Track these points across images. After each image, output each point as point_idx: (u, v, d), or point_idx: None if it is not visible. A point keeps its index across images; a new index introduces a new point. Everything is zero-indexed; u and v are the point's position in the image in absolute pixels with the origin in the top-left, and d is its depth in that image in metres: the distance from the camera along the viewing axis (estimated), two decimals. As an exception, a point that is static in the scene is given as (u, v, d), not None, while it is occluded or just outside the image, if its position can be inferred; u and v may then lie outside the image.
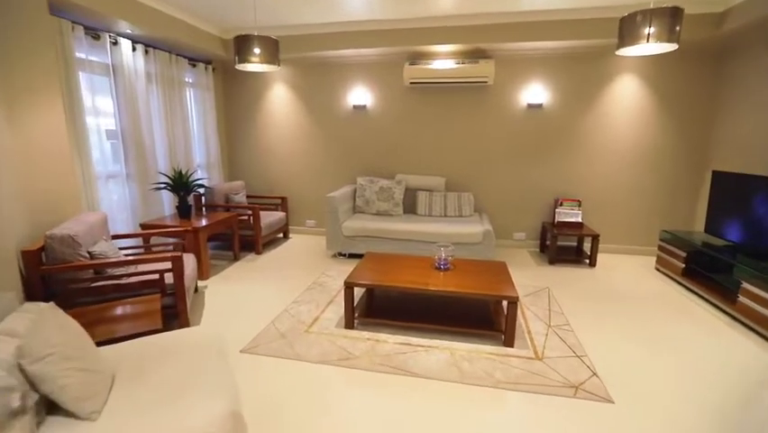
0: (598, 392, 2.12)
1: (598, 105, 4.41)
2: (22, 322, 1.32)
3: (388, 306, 3.01)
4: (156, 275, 2.56)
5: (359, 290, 3.28)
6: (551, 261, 4.28)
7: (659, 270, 4.05)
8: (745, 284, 2.86)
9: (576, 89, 4.43)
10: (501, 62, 4.50)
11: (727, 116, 3.99)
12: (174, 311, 2.63)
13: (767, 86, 3.49)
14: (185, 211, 3.91)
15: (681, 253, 3.64)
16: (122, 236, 3.14)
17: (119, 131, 3.72)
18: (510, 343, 2.55)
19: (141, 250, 3.27)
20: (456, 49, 4.32)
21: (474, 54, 4.42)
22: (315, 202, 5.37)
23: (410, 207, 4.76)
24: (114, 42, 3.56)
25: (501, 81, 4.55)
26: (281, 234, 5.27)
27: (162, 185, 3.86)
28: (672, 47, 2.46)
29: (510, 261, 4.39)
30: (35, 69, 2.71)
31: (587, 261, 4.28)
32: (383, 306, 3.02)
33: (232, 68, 5.11)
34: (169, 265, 2.61)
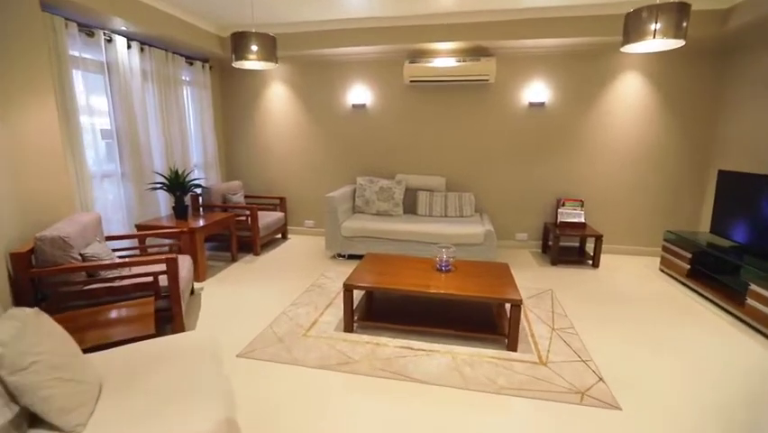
0: (604, 399, 2.05)
1: (601, 104, 4.35)
2: (4, 329, 1.25)
3: (388, 308, 2.95)
4: (150, 278, 2.50)
5: (358, 293, 3.22)
6: (553, 262, 4.22)
7: (663, 271, 3.98)
8: (753, 286, 2.80)
9: (578, 88, 4.36)
10: (503, 60, 4.43)
11: (732, 115, 3.92)
12: (169, 314, 2.56)
13: (774, 83, 3.44)
14: (181, 212, 3.84)
15: (687, 253, 3.58)
16: (116, 237, 3.08)
17: (114, 130, 3.65)
18: (513, 347, 2.49)
19: (137, 251, 3.22)
20: (457, 46, 4.26)
21: (475, 52, 4.36)
22: (314, 202, 5.30)
23: (410, 208, 4.70)
24: (109, 40, 3.49)
25: (502, 79, 4.48)
26: (280, 235, 5.20)
27: (158, 185, 3.79)
28: (679, 43, 2.40)
29: (512, 262, 4.32)
30: (27, 67, 2.64)
31: (590, 262, 4.22)
32: (383, 308, 2.95)
33: (229, 66, 5.05)
34: (163, 267, 2.54)
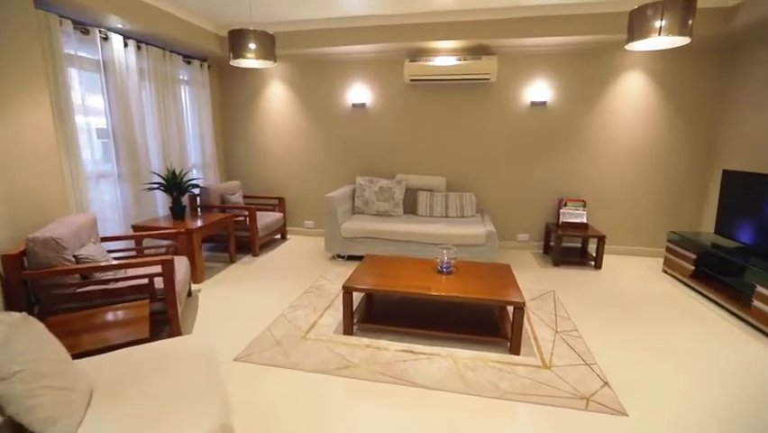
0: (610, 404, 2.00)
1: (604, 103, 4.30)
2: (-10, 335, 1.20)
3: (388, 311, 2.90)
4: (145, 280, 2.45)
5: (358, 294, 3.17)
6: (555, 262, 4.17)
7: (666, 272, 3.93)
8: (759, 288, 2.75)
9: (581, 87, 4.31)
10: (504, 59, 4.38)
11: (737, 114, 3.87)
12: (165, 317, 2.52)
13: (779, 82, 3.40)
14: (178, 212, 3.79)
15: (691, 255, 3.53)
16: (111, 239, 3.03)
17: (110, 129, 3.60)
18: (516, 350, 2.44)
19: (133, 253, 3.17)
20: (458, 45, 4.21)
21: (476, 51, 4.31)
22: (314, 202, 5.25)
23: (411, 208, 4.65)
24: (105, 38, 3.44)
25: (504, 78, 4.43)
26: (279, 236, 5.15)
27: (155, 185, 3.74)
28: (685, 40, 2.36)
29: (513, 262, 4.27)
30: (20, 65, 2.60)
31: (592, 263, 4.17)
32: (383, 311, 2.90)
33: (228, 65, 4.99)
34: (158, 269, 2.49)
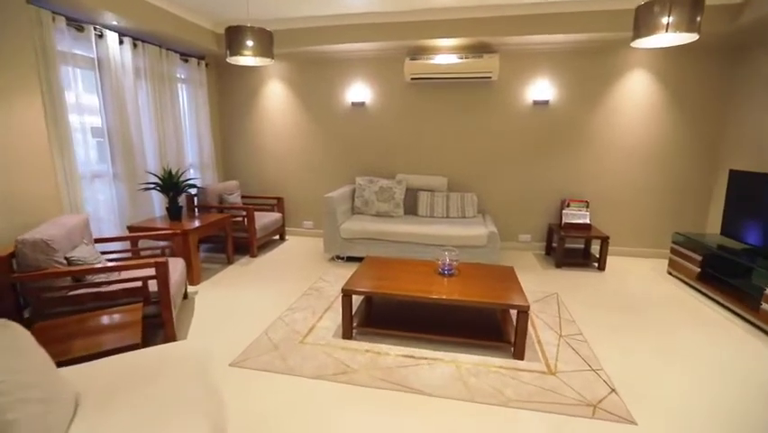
0: (618, 412, 1.94)
1: (607, 102, 4.23)
2: (-33, 344, 1.14)
3: (388, 314, 2.83)
4: (139, 282, 2.38)
5: (358, 297, 3.10)
6: (558, 264, 4.10)
7: (671, 274, 3.86)
8: (768, 291, 2.69)
9: (583, 85, 4.24)
10: (506, 57, 4.31)
11: (743, 113, 3.80)
12: (159, 321, 2.45)
13: (788, 80, 3.33)
14: (175, 212, 3.72)
15: (697, 256, 3.46)
16: (105, 240, 2.96)
17: (105, 128, 3.53)
18: (520, 355, 2.37)
19: (129, 254, 3.10)
20: (459, 43, 4.14)
21: (478, 49, 4.24)
22: (313, 203, 5.18)
23: (411, 208, 4.58)
24: (100, 35, 3.37)
25: (506, 77, 4.37)
26: (277, 236, 5.08)
27: (151, 185, 3.67)
28: (693, 37, 2.30)
29: (515, 264, 4.20)
30: (11, 62, 2.54)
31: (595, 264, 4.10)
32: (383, 314, 2.83)
33: (226, 63, 4.93)
34: (152, 272, 2.42)
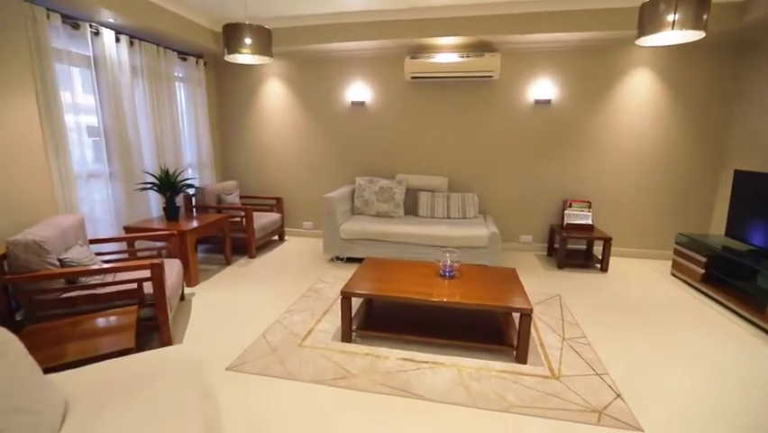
0: (624, 418, 1.89)
1: (610, 101, 4.18)
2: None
3: (388, 317, 2.78)
4: (134, 285, 2.33)
5: (357, 299, 3.05)
6: (559, 265, 4.06)
7: (675, 275, 3.82)
8: (775, 293, 2.64)
9: (586, 84, 4.19)
10: (507, 56, 4.26)
11: (748, 113, 3.75)
12: (155, 323, 2.40)
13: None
14: (172, 213, 3.67)
15: (701, 258, 3.41)
16: (100, 241, 2.91)
17: (102, 127, 3.48)
18: (523, 359, 2.32)
19: (125, 255, 3.05)
20: (460, 41, 4.09)
21: (479, 47, 4.19)
22: (312, 203, 5.14)
23: (411, 209, 4.53)
24: (96, 33, 3.32)
25: (507, 76, 4.32)
26: (276, 237, 5.04)
27: (148, 185, 3.62)
28: (699, 35, 2.25)
29: (517, 265, 4.16)
30: (5, 60, 2.49)
31: (598, 265, 4.06)
32: (383, 317, 2.79)
33: (224, 62, 4.87)
34: (148, 273, 2.37)
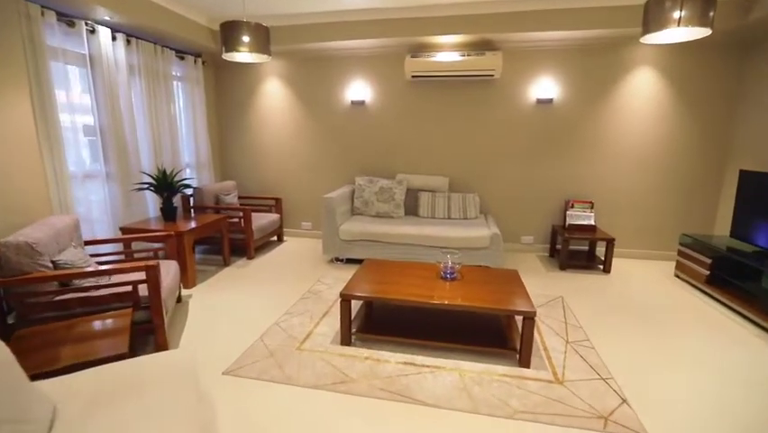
0: (630, 424, 1.84)
1: (612, 100, 4.14)
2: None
3: (388, 319, 2.73)
4: (129, 287, 2.29)
5: (357, 302, 3.00)
6: (562, 266, 4.01)
7: (679, 277, 3.77)
8: (783, 295, 2.59)
9: (588, 83, 4.15)
10: (509, 55, 4.22)
11: (753, 112, 3.70)
12: (150, 326, 2.35)
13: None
14: (169, 213, 3.62)
15: (706, 259, 3.36)
16: (95, 242, 2.86)
17: (98, 127, 3.43)
18: (526, 363, 2.27)
19: (121, 257, 3.00)
20: (461, 40, 4.04)
21: (480, 46, 4.15)
22: (311, 203, 5.09)
23: (412, 209, 4.48)
24: (92, 31, 3.27)
25: (509, 75, 4.27)
26: (275, 238, 4.99)
27: (145, 185, 3.58)
28: (705, 32, 2.21)
29: (518, 266, 4.11)
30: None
31: (601, 266, 4.01)
32: (383, 319, 2.74)
33: (223, 61, 4.83)
34: (143, 275, 2.33)
